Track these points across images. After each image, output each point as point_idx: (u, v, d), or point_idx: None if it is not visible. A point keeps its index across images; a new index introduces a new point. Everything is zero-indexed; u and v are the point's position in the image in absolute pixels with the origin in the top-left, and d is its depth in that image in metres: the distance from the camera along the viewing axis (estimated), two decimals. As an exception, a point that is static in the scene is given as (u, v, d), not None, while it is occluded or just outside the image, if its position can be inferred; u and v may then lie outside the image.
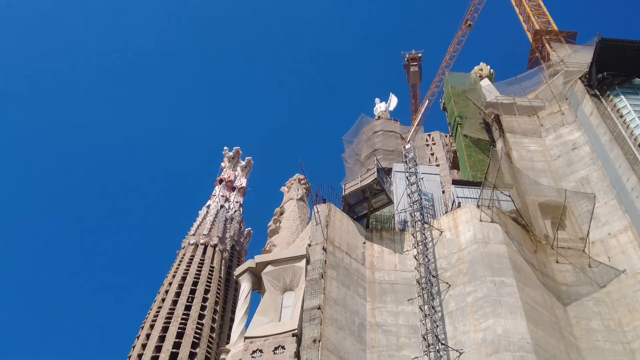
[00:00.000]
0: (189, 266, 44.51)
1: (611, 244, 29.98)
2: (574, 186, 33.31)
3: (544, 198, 31.95)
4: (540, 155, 36.92)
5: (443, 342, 25.07)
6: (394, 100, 59.03)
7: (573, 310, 27.51)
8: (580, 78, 38.72)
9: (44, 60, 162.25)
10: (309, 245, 28.24)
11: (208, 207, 52.02)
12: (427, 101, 74.25)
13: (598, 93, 36.84)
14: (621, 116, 34.25)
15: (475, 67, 53.82)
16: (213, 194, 53.49)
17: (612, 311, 27.41)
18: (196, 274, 43.70)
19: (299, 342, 23.78)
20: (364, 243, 30.43)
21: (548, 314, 26.32)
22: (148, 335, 39.62)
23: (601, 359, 25.44)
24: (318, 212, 29.78)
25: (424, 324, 25.93)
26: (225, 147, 57.62)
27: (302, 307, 25.09)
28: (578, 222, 31.05)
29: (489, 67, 53.73)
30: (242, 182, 56.68)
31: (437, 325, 25.78)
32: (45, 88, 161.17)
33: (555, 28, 59.96)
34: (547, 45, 55.59)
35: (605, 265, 29.06)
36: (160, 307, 41.63)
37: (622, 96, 35.52)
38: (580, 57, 43.47)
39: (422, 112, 72.52)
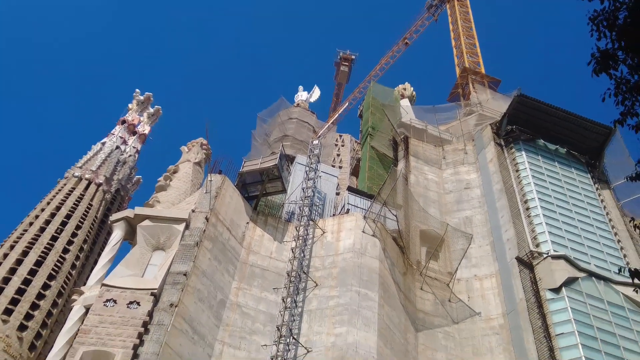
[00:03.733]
0: (67, 198, 42.94)
1: (475, 285, 31.43)
2: (456, 223, 34.68)
3: (426, 227, 33.13)
4: (435, 185, 38.21)
5: (295, 337, 25.57)
6: (316, 93, 59.49)
7: (423, 337, 28.69)
8: (491, 124, 40.29)
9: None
10: (193, 211, 28.06)
11: (103, 144, 50.34)
12: (348, 103, 75.16)
13: (503, 143, 38.47)
14: (517, 170, 35.95)
15: (400, 85, 54.90)
16: (112, 132, 51.77)
17: (458, 348, 28.76)
18: (72, 208, 42.24)
19: (155, 303, 23.59)
20: (248, 223, 30.53)
21: (399, 336, 27.35)
22: (5, 256, 38.04)
23: (435, 388, 26.72)
24: (211, 181, 29.62)
25: (282, 315, 26.36)
26: (137, 90, 55.96)
27: (168, 270, 24.90)
28: (451, 257, 32.38)
29: (412, 88, 54.95)
30: (145, 129, 55.19)
31: (294, 320, 26.27)
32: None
33: (483, 71, 62.22)
34: (470, 84, 57.59)
35: (463, 303, 30.45)
36: (25, 231, 39.99)
37: (523, 152, 37.28)
38: (497, 105, 45.28)
39: (340, 112, 73.27)
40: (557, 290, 28.02)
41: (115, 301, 23.28)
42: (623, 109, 9.81)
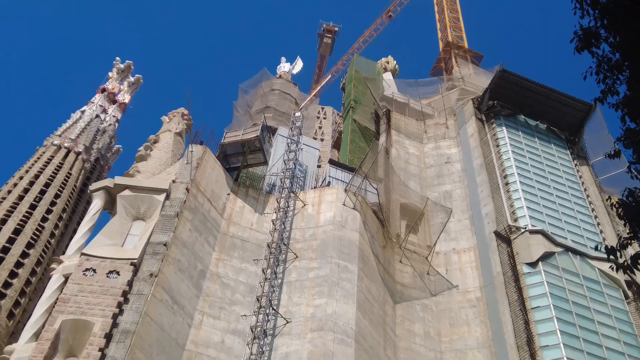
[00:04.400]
0: (46, 166, 42.56)
1: (453, 259, 31.78)
2: (436, 197, 34.92)
3: (406, 200, 33.32)
4: (416, 159, 38.34)
5: (275, 307, 25.77)
6: (299, 64, 59.18)
7: (401, 309, 29.03)
8: (472, 99, 40.38)
9: None
10: (174, 181, 27.96)
11: (82, 112, 49.73)
12: (331, 76, 74.92)
13: (484, 118, 38.61)
14: (497, 146, 36.15)
15: (383, 59, 54.73)
16: (91, 101, 51.15)
17: (435, 320, 29.17)
18: (51, 176, 41.89)
19: (135, 273, 23.60)
20: (229, 194, 30.52)
21: (378, 308, 27.65)
22: (-17, 224, 37.66)
23: (412, 360, 27.11)
24: (192, 151, 29.49)
25: (262, 286, 26.51)
26: (117, 58, 55.24)
27: (148, 240, 24.86)
28: (430, 231, 32.66)
29: (395, 62, 54.81)
30: (125, 97, 54.59)
31: (274, 291, 26.45)
32: None
33: (466, 45, 62.16)
34: (453, 59, 57.56)
35: (441, 276, 30.79)
36: (3, 199, 39.63)
37: (504, 128, 37.46)
38: (479, 80, 45.35)
39: (322, 84, 72.99)
40: (533, 265, 28.39)
41: (94, 270, 23.22)
42: (604, 87, 9.88)
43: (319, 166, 38.15)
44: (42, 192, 40.28)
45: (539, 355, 24.53)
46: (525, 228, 29.99)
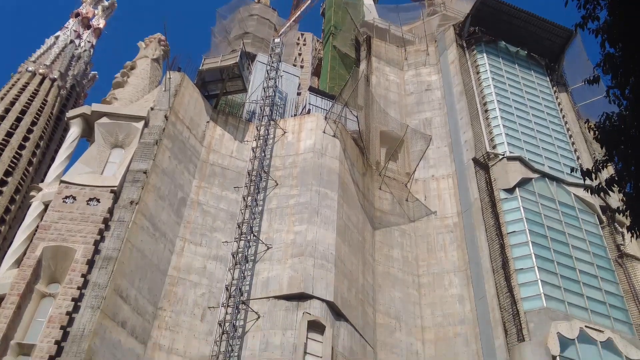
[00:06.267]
0: (21, 93, 41.89)
1: (431, 185, 32.11)
2: (416, 124, 34.97)
3: (386, 128, 33.36)
4: (396, 87, 38.16)
5: (255, 234, 26.06)
6: (278, -12, 57.73)
7: (380, 235, 29.49)
8: (453, 25, 39.89)
9: None
10: (152, 109, 27.67)
11: (57, 37, 48.63)
12: (310, 1, 73.20)
13: (465, 45, 38.28)
14: (477, 72, 36.02)
15: (364, -18, 53.59)
16: (65, 26, 49.96)
17: (413, 245, 29.70)
18: (26, 103, 41.30)
19: (115, 200, 23.62)
20: (208, 122, 30.33)
21: (357, 234, 28.06)
22: (-42, 152, 37.24)
23: (390, 284, 27.71)
24: (170, 78, 29.10)
25: (242, 213, 26.73)
26: (91, -19, 53.56)
27: (127, 168, 24.78)
28: (409, 158, 32.86)
29: (376, -15, 53.73)
30: (100, 22, 53.35)
31: (255, 218, 26.68)
32: None
33: (449, -31, 60.77)
34: (435, -17, 56.34)
35: (420, 202, 31.17)
36: (-22, 127, 39.10)
37: (485, 54, 37.23)
38: (461, 6, 44.73)
39: (302, 10, 71.46)
40: (510, 191, 28.79)
41: (74, 198, 23.21)
42: (584, 13, 9.83)
43: (298, 94, 37.88)
44: (19, 120, 39.80)
45: (514, 279, 25.19)
46: (504, 155, 30.24)
